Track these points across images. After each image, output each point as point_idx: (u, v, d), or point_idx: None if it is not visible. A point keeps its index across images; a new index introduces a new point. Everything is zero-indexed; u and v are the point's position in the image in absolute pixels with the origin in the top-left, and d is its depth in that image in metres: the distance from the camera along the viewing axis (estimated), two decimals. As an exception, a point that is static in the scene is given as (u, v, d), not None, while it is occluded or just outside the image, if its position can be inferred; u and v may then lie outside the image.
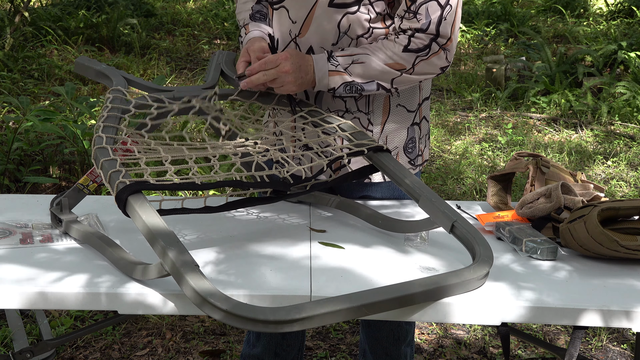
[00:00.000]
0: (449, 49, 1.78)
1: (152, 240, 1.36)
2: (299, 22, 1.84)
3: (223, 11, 8.76)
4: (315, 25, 1.83)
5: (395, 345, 2.14)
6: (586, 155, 5.03)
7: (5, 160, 3.93)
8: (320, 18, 1.82)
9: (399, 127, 1.94)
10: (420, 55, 1.77)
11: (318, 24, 1.82)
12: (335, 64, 1.77)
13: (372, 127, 1.91)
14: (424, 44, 1.76)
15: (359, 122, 1.90)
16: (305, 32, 1.84)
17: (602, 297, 1.47)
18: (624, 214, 1.64)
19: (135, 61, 6.64)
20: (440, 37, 1.76)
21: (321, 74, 1.77)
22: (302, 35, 1.85)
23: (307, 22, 1.83)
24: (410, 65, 1.78)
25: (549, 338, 2.96)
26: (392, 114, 1.92)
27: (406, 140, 1.95)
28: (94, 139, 1.58)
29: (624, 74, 6.47)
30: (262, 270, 1.52)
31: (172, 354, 2.75)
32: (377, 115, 1.91)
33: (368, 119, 1.90)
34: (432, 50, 1.77)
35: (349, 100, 1.88)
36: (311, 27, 1.83)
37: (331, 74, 1.77)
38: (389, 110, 1.91)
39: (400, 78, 1.79)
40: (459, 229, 1.53)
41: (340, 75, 1.78)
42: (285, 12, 1.87)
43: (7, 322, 2.67)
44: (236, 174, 1.57)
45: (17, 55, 6.14)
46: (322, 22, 1.82)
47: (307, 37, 1.84)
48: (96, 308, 1.45)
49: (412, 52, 1.76)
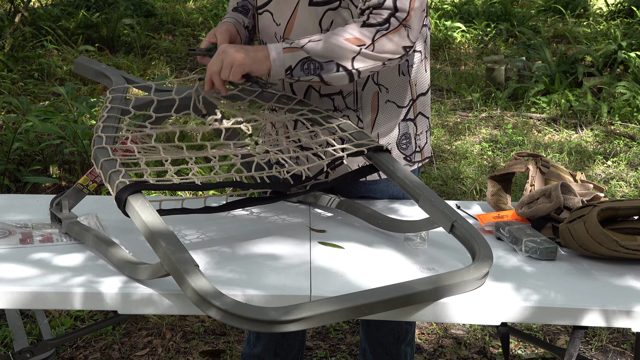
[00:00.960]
0: (410, 26, 1.73)
1: (152, 240, 1.36)
2: (283, 23, 1.85)
3: (223, 11, 8.76)
4: (298, 25, 1.83)
5: (396, 344, 2.14)
6: (586, 155, 5.03)
7: (5, 160, 3.93)
8: (302, 17, 1.82)
9: (390, 124, 1.92)
10: (380, 29, 1.71)
11: (300, 24, 1.83)
12: (290, 42, 1.72)
13: (361, 124, 1.90)
14: (383, 17, 1.71)
15: (347, 120, 1.88)
16: (289, 33, 1.85)
17: (602, 297, 1.47)
18: (624, 214, 1.64)
19: (135, 61, 6.64)
20: (399, 12, 1.71)
21: (275, 52, 1.71)
22: (287, 36, 1.85)
23: (290, 23, 1.84)
24: (370, 41, 1.71)
25: (549, 338, 2.96)
26: (381, 111, 1.90)
27: (399, 136, 1.94)
28: (94, 139, 1.58)
29: (624, 74, 6.47)
30: (262, 270, 1.52)
31: (172, 354, 2.75)
32: (365, 111, 1.89)
33: (357, 116, 1.90)
34: (391, 25, 1.71)
35: (336, 98, 1.87)
36: (294, 27, 1.84)
37: (286, 51, 1.71)
38: (377, 106, 1.90)
39: (360, 56, 1.71)
40: (458, 229, 1.53)
41: (296, 51, 1.71)
42: (269, 15, 1.88)
43: (7, 322, 2.67)
44: (236, 175, 1.57)
45: (17, 55, 6.14)
46: (304, 21, 1.82)
47: (291, 38, 1.84)
48: (96, 308, 1.45)
49: (371, 27, 1.71)
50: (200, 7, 9.25)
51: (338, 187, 1.97)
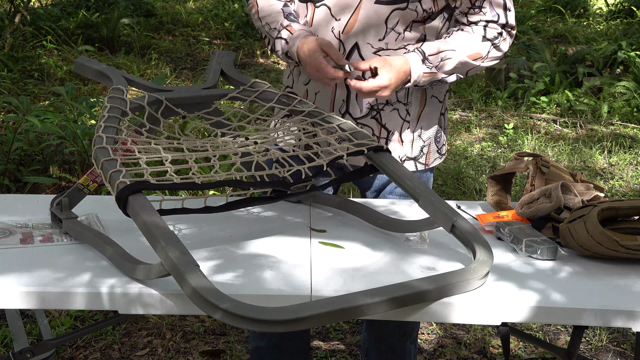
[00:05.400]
0: (513, 35, 1.95)
1: (152, 240, 1.36)
2: (344, 19, 1.88)
3: (223, 11, 8.76)
4: (362, 22, 1.86)
5: (401, 341, 2.15)
6: (586, 155, 5.02)
7: (5, 160, 3.93)
8: (366, 15, 1.86)
9: (432, 117, 2.02)
10: (494, 43, 1.91)
11: (365, 21, 1.86)
12: (430, 66, 1.86)
13: (409, 117, 1.98)
14: (497, 32, 1.91)
15: (397, 113, 1.96)
16: (350, 29, 1.88)
17: (602, 297, 1.47)
18: (624, 214, 1.64)
19: (135, 61, 6.64)
20: (508, 26, 1.92)
21: (416, 78, 1.86)
22: (347, 32, 1.88)
23: (352, 19, 1.87)
24: (485, 54, 1.91)
25: (549, 338, 2.96)
26: (427, 105, 1.99)
27: (437, 129, 2.04)
28: (94, 139, 1.58)
29: (624, 74, 6.47)
30: (262, 270, 1.52)
31: (172, 354, 2.75)
32: (414, 106, 1.98)
33: (406, 110, 1.97)
34: (502, 37, 1.92)
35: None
36: (357, 23, 1.87)
37: (425, 75, 1.87)
38: (425, 100, 1.98)
39: (475, 68, 1.92)
40: (459, 229, 1.53)
41: (432, 75, 1.88)
42: (326, 9, 1.90)
43: (7, 322, 2.67)
44: (236, 174, 1.57)
45: (17, 55, 6.14)
46: (368, 18, 1.86)
47: (352, 33, 1.88)
48: (96, 308, 1.45)
49: (489, 41, 1.90)
50: (200, 7, 9.24)
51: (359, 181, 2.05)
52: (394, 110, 1.96)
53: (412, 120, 1.98)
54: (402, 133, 1.99)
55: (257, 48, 7.65)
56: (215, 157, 1.60)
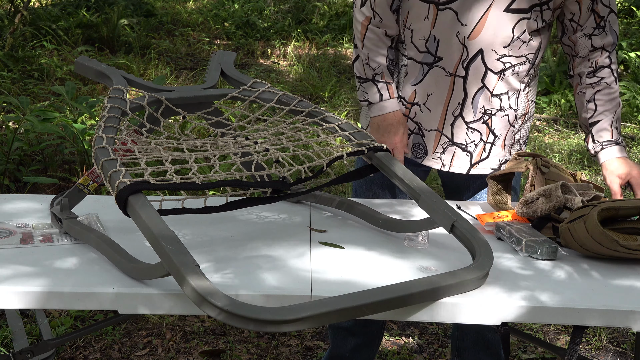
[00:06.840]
0: None
1: (152, 240, 1.36)
2: (470, 24, 1.89)
3: (223, 11, 8.76)
4: (489, 29, 1.89)
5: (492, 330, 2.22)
6: (586, 155, 5.02)
7: (5, 160, 3.93)
8: (495, 22, 1.89)
9: (528, 120, 2.10)
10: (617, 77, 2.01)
11: (493, 28, 1.89)
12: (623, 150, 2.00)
13: (516, 122, 2.04)
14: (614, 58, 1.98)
15: (507, 119, 2.01)
16: (477, 35, 1.90)
17: (602, 297, 1.47)
18: (624, 214, 1.64)
19: (135, 61, 6.64)
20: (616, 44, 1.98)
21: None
22: (474, 37, 1.90)
23: (479, 25, 1.89)
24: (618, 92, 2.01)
25: (549, 338, 2.96)
26: (529, 109, 2.07)
27: (528, 131, 2.12)
28: (94, 138, 1.58)
29: (624, 74, 6.47)
30: (262, 270, 1.52)
31: (172, 354, 2.75)
32: (521, 110, 2.04)
33: (515, 115, 2.03)
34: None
35: (504, 97, 1.99)
36: (484, 30, 1.89)
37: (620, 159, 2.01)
38: (528, 105, 2.05)
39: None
40: (459, 229, 1.53)
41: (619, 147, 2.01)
42: (452, 13, 1.90)
43: (7, 322, 2.67)
44: (236, 174, 1.57)
45: (17, 55, 6.14)
46: (496, 25, 1.89)
47: (478, 39, 1.91)
48: (96, 308, 1.45)
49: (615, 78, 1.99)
50: (200, 7, 9.24)
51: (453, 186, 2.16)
52: (505, 116, 2.01)
53: (516, 124, 2.05)
54: (507, 137, 2.05)
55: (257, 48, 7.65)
56: (215, 157, 1.60)
